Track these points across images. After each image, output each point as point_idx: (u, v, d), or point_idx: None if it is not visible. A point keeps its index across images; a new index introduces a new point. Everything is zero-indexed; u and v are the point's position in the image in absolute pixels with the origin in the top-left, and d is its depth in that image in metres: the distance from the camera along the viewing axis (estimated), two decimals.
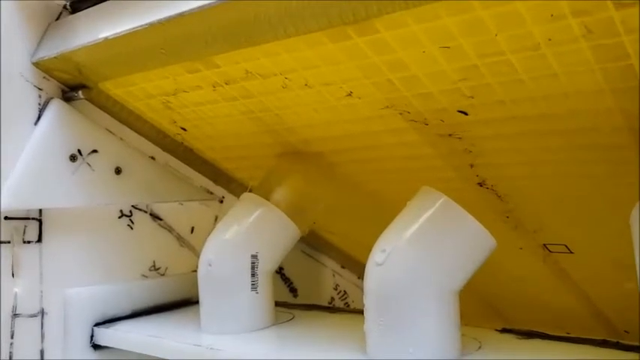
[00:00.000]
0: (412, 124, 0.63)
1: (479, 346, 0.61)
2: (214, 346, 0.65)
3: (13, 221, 0.73)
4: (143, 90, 0.74)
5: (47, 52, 0.73)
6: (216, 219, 0.94)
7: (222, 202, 0.95)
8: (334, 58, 0.56)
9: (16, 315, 0.73)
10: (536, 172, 0.65)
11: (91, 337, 0.77)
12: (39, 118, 0.75)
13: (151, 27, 0.59)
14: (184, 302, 0.88)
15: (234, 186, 0.95)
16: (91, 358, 0.77)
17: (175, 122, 0.81)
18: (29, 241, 0.75)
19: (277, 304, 0.77)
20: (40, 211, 0.76)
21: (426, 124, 0.62)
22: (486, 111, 0.57)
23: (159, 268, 0.88)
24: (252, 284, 0.71)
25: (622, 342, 0.58)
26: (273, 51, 0.58)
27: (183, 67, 0.66)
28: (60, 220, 0.78)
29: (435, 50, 0.51)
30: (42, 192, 0.74)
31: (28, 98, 0.75)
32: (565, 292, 0.85)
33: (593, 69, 0.48)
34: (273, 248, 0.74)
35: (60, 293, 0.77)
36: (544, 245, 0.77)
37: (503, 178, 0.68)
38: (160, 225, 0.89)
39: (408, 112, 0.61)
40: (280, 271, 1.01)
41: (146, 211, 0.87)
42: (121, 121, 0.83)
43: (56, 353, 0.76)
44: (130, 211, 0.85)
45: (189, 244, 0.92)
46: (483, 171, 0.68)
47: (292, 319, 0.78)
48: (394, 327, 0.55)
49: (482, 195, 0.71)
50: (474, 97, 0.56)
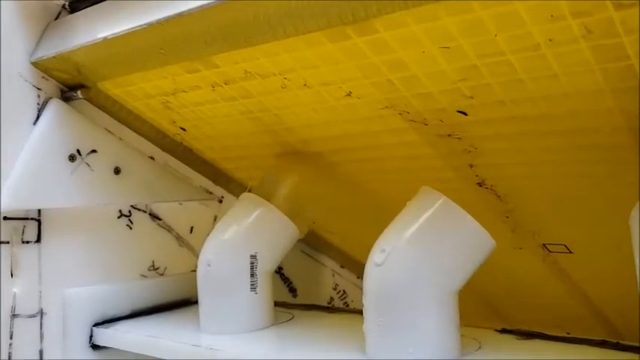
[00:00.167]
0: (412, 124, 0.63)
1: (478, 347, 0.61)
2: (213, 347, 0.65)
3: (12, 221, 0.73)
4: (142, 90, 0.74)
5: (46, 51, 0.73)
6: (215, 219, 0.94)
7: (221, 202, 0.95)
8: (333, 58, 0.56)
9: (15, 315, 0.73)
10: (536, 172, 0.65)
11: (90, 337, 0.77)
12: (38, 118, 0.75)
13: (150, 27, 0.59)
14: (183, 302, 0.88)
15: (234, 186, 0.95)
16: (90, 358, 0.77)
17: (175, 122, 0.81)
18: (28, 241, 0.75)
19: (277, 304, 0.77)
20: (39, 211, 0.76)
21: (426, 124, 0.62)
22: (486, 111, 0.57)
23: (158, 268, 0.88)
24: (252, 284, 0.71)
25: (622, 342, 0.58)
26: (272, 51, 0.58)
27: (183, 67, 0.66)
28: (59, 220, 0.78)
29: (435, 50, 0.51)
30: (41, 192, 0.74)
31: (26, 98, 0.75)
32: (565, 292, 0.85)
33: (593, 69, 0.48)
34: (273, 248, 0.74)
35: (59, 293, 0.77)
36: (544, 245, 0.77)
37: (503, 179, 0.68)
38: (159, 225, 0.89)
39: (408, 112, 0.61)
40: (280, 270, 1.01)
41: (145, 211, 0.87)
42: (120, 121, 0.83)
43: (55, 353, 0.76)
44: (129, 211, 0.85)
45: (188, 244, 0.92)
46: (483, 171, 0.68)
47: (292, 319, 0.78)
48: (393, 327, 0.55)
49: (481, 195, 0.71)
50: (473, 97, 0.56)
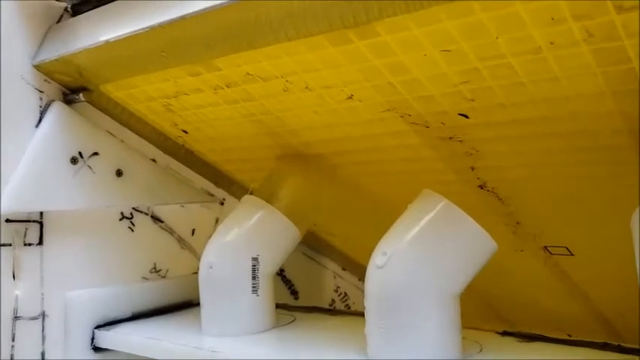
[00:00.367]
0: (413, 126, 0.63)
1: (480, 349, 0.61)
2: (215, 349, 0.65)
3: (14, 224, 0.74)
4: (144, 92, 0.74)
5: (48, 54, 0.73)
6: (217, 221, 0.94)
7: (223, 204, 0.95)
8: (335, 61, 0.56)
9: (17, 317, 0.73)
10: (537, 174, 0.65)
11: (92, 339, 0.77)
12: (40, 121, 0.75)
13: (152, 30, 0.59)
14: (185, 304, 0.88)
15: (235, 188, 0.95)
16: None
17: (176, 125, 0.81)
18: (30, 244, 0.75)
19: (278, 306, 0.77)
20: (41, 213, 0.76)
21: (427, 127, 0.63)
22: (487, 114, 0.57)
23: (160, 270, 0.88)
24: (253, 287, 0.71)
25: (623, 345, 0.58)
26: (274, 54, 0.58)
27: (185, 69, 0.66)
28: (61, 222, 0.78)
29: (436, 53, 0.51)
30: (43, 194, 0.74)
31: (29, 101, 0.75)
32: (566, 294, 0.85)
33: (594, 72, 0.48)
34: (274, 251, 0.74)
35: (61, 296, 0.77)
36: (545, 247, 0.77)
37: (504, 181, 0.68)
38: (161, 227, 0.89)
39: (409, 115, 0.61)
40: (281, 273, 1.01)
41: (147, 214, 0.87)
42: (122, 124, 0.83)
43: (57, 356, 0.76)
44: (131, 214, 0.85)
45: (190, 247, 0.92)
46: (484, 173, 0.68)
47: (293, 321, 0.78)
48: (395, 330, 0.55)
49: (483, 197, 0.71)
50: (474, 100, 0.56)
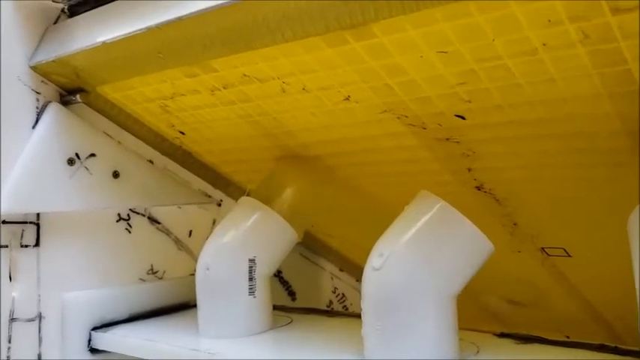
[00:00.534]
0: (410, 128, 0.63)
1: (477, 351, 0.61)
2: (212, 350, 0.65)
3: (11, 225, 0.73)
4: (141, 94, 0.74)
5: (45, 55, 0.73)
6: (214, 222, 0.94)
7: (220, 205, 0.95)
8: (332, 63, 0.56)
9: (13, 319, 0.73)
10: (535, 175, 0.65)
11: (89, 341, 0.77)
12: (37, 122, 0.75)
13: (149, 31, 0.59)
14: (182, 306, 0.88)
15: (233, 189, 0.95)
16: None
17: (174, 126, 0.81)
18: (27, 245, 0.75)
19: (275, 308, 0.77)
20: (37, 215, 0.76)
21: (424, 128, 0.63)
22: (484, 115, 0.57)
23: (157, 271, 0.88)
24: (250, 288, 0.71)
25: (620, 347, 0.58)
26: (271, 55, 0.58)
27: (182, 71, 0.66)
28: (58, 224, 0.78)
29: (433, 55, 0.51)
30: (40, 196, 0.74)
31: (25, 102, 0.75)
32: (564, 296, 0.85)
33: (590, 74, 0.48)
34: (271, 252, 0.74)
35: (57, 297, 0.77)
36: (542, 249, 0.77)
37: (502, 182, 0.68)
38: (158, 228, 0.89)
39: (406, 117, 0.62)
40: (279, 274, 1.01)
41: (144, 215, 0.87)
42: (119, 125, 0.83)
43: (54, 357, 0.76)
44: (128, 215, 0.85)
45: (187, 248, 0.92)
46: (481, 175, 0.68)
47: (290, 322, 0.78)
48: (392, 331, 0.55)
49: (480, 199, 0.71)
50: (471, 101, 0.56)
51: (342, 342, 0.67)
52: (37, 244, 0.76)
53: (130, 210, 0.85)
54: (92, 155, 0.79)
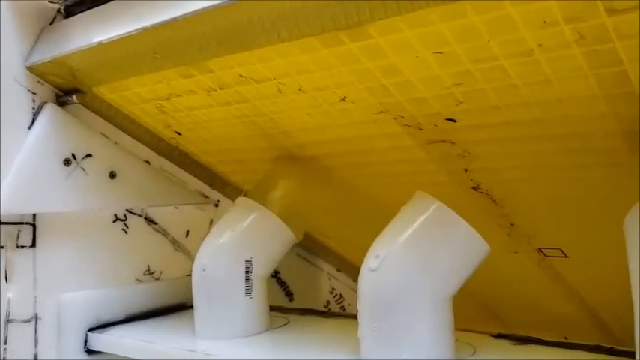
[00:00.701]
0: (406, 128, 0.63)
1: (473, 351, 0.61)
2: (208, 351, 0.65)
3: (7, 226, 0.73)
4: (137, 94, 0.74)
5: (41, 56, 0.73)
6: (211, 223, 0.94)
7: (217, 205, 0.95)
8: (328, 63, 0.56)
9: (9, 320, 0.73)
10: (531, 176, 0.65)
11: (85, 342, 0.77)
12: (33, 123, 0.75)
13: (144, 31, 0.59)
14: (179, 307, 0.88)
15: (230, 190, 0.95)
16: None
17: (170, 126, 0.81)
18: (23, 246, 0.75)
19: (272, 309, 0.77)
20: (33, 215, 0.76)
21: (420, 129, 0.62)
22: (480, 116, 0.57)
23: (153, 272, 0.88)
24: (247, 289, 0.71)
25: (616, 347, 0.58)
26: (266, 56, 0.58)
27: (177, 71, 0.66)
28: (54, 224, 0.77)
29: (429, 56, 0.51)
30: (36, 196, 0.73)
31: (22, 102, 0.75)
32: (561, 296, 0.85)
33: (586, 75, 0.48)
34: (268, 253, 0.74)
35: (54, 298, 0.77)
36: (539, 249, 0.77)
37: (498, 183, 0.68)
38: (155, 229, 0.88)
39: (402, 117, 0.61)
40: (276, 274, 1.01)
41: (141, 215, 0.87)
42: (116, 126, 0.83)
43: (50, 358, 0.76)
44: (125, 216, 0.85)
45: (184, 248, 0.92)
46: (478, 175, 0.68)
47: (287, 323, 0.78)
48: (388, 332, 0.55)
49: (476, 199, 0.71)
50: (467, 102, 0.56)
51: (338, 343, 0.66)
52: (33, 245, 0.76)
53: (127, 210, 0.85)
54: (88, 156, 0.79)
